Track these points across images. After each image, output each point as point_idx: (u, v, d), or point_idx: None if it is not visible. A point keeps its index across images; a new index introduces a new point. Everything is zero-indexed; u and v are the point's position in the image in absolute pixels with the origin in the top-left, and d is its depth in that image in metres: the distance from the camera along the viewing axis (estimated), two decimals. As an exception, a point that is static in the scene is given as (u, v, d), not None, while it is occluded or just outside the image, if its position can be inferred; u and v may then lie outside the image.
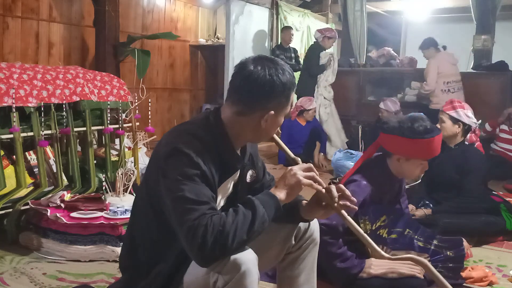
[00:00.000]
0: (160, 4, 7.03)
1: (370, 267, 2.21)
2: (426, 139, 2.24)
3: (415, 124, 2.26)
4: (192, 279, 1.51)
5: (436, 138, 2.27)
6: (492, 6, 6.39)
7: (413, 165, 2.32)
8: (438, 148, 2.31)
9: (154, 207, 1.54)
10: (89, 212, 2.69)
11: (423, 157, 2.31)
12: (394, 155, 2.33)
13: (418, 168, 2.33)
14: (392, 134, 2.29)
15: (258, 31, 7.46)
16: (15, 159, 2.76)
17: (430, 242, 2.36)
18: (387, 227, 2.32)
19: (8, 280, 2.34)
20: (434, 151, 2.30)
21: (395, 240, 2.32)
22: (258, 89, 1.50)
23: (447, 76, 5.53)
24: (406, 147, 2.26)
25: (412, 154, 2.29)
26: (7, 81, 2.73)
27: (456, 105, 3.17)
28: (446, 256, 2.35)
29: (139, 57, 5.39)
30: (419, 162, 2.31)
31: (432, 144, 2.26)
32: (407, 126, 2.26)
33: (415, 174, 2.37)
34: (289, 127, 5.57)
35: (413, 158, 2.30)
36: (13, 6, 5.06)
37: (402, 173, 2.37)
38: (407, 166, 2.32)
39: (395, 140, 2.28)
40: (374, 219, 2.28)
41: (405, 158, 2.31)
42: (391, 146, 2.33)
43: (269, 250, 1.72)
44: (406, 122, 2.28)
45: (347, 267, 2.19)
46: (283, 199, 1.50)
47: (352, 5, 7.41)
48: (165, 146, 1.50)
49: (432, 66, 5.57)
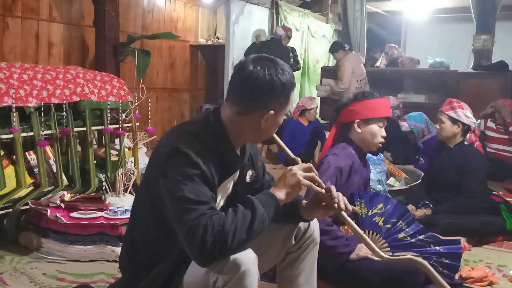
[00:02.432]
0: (160, 4, 7.03)
1: (361, 250, 2.23)
2: (376, 99, 2.51)
3: (364, 93, 2.59)
4: (192, 279, 1.51)
5: (384, 99, 2.58)
6: (492, 6, 6.39)
7: (372, 128, 2.49)
8: (389, 109, 2.58)
9: (154, 207, 1.54)
10: (89, 212, 2.69)
11: (378, 115, 2.48)
12: (353, 124, 2.49)
13: (377, 132, 2.49)
14: (344, 107, 2.56)
15: (258, 31, 7.46)
16: (15, 159, 2.76)
17: (414, 236, 2.35)
18: (383, 216, 2.37)
19: (8, 280, 2.34)
20: (385, 110, 2.53)
21: (388, 230, 2.34)
22: (258, 89, 1.50)
23: (359, 75, 6.12)
24: (361, 109, 2.49)
25: (368, 114, 2.48)
26: (7, 81, 2.73)
27: (455, 105, 3.16)
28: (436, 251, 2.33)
29: (139, 57, 5.39)
30: (376, 124, 2.48)
31: (382, 103, 2.53)
32: (358, 95, 2.58)
33: (376, 138, 2.50)
34: (292, 127, 5.57)
35: (370, 117, 2.48)
36: (13, 6, 5.06)
37: (365, 139, 2.50)
38: (367, 130, 2.49)
39: (351, 107, 2.53)
40: (371, 205, 2.38)
41: (364, 122, 2.48)
42: (349, 115, 2.53)
43: (269, 250, 1.72)
44: (356, 94, 2.63)
45: (336, 245, 2.22)
46: (283, 199, 1.50)
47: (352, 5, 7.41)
48: (165, 146, 1.50)
49: (347, 67, 6.10)
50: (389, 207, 2.40)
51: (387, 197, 2.54)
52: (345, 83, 6.09)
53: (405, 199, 3.47)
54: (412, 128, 4.83)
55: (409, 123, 4.83)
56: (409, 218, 2.39)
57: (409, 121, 4.84)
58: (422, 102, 6.21)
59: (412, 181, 3.97)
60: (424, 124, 4.80)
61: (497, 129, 5.12)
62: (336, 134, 2.63)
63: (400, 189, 3.86)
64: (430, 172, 3.40)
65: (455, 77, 6.07)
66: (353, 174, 2.46)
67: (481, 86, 5.86)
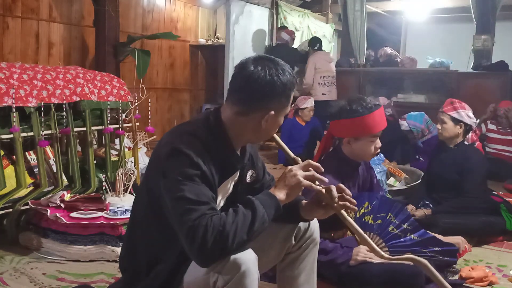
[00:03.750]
0: (160, 4, 7.03)
1: (358, 254, 2.23)
2: (366, 115, 2.29)
3: (353, 105, 2.31)
4: (192, 279, 1.51)
5: (376, 113, 2.31)
6: (492, 6, 6.38)
7: (364, 144, 2.35)
8: (382, 122, 2.34)
9: (154, 207, 1.54)
10: (89, 212, 2.69)
11: (369, 133, 2.33)
12: (344, 139, 2.38)
13: (369, 146, 2.35)
14: (336, 119, 2.37)
15: (258, 31, 7.46)
16: (15, 159, 2.76)
17: (399, 226, 2.35)
18: (372, 213, 2.35)
19: (8, 280, 2.34)
20: (377, 125, 2.32)
21: (380, 226, 2.33)
22: (258, 89, 1.50)
23: (323, 72, 6.41)
24: (350, 127, 2.32)
25: (357, 133, 2.33)
26: (7, 81, 2.73)
27: (457, 105, 3.15)
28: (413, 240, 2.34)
29: (139, 57, 5.39)
30: (368, 139, 2.34)
31: (373, 119, 2.30)
32: (346, 108, 2.32)
33: (369, 152, 2.38)
34: (289, 127, 5.58)
35: (360, 136, 2.33)
36: (13, 6, 5.06)
37: (357, 154, 2.39)
38: (358, 146, 2.36)
39: (339, 124, 2.36)
40: (357, 206, 2.28)
41: (354, 139, 2.34)
42: (338, 130, 2.40)
43: (269, 250, 1.72)
44: (345, 106, 2.34)
45: (331, 259, 2.22)
46: (283, 199, 1.50)
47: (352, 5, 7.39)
48: (165, 146, 1.50)
49: (310, 63, 6.44)
50: (375, 203, 2.38)
51: (370, 194, 2.47)
52: (308, 78, 6.41)
53: (405, 199, 3.48)
54: (411, 128, 4.83)
55: (408, 122, 4.83)
56: (396, 208, 2.39)
57: (409, 120, 4.84)
58: (422, 102, 6.21)
59: (412, 181, 3.97)
60: (424, 124, 4.79)
61: (498, 130, 5.15)
62: (326, 146, 2.51)
63: (400, 189, 3.86)
64: (430, 172, 3.40)
65: (455, 77, 6.07)
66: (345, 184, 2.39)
67: (481, 86, 5.85)
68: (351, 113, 2.31)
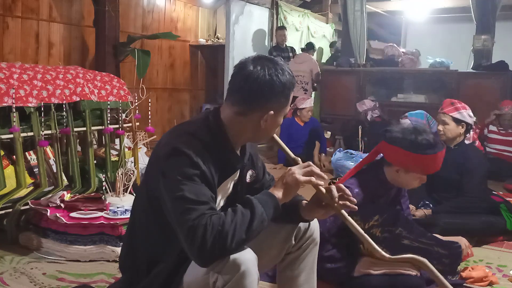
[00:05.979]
0: (160, 4, 7.03)
1: (362, 266, 2.22)
2: (430, 155, 2.15)
3: (418, 137, 2.16)
4: (192, 279, 1.51)
5: (439, 154, 2.18)
6: (492, 6, 6.37)
7: (412, 177, 2.25)
8: (440, 163, 2.22)
9: (154, 207, 1.54)
10: (89, 212, 2.69)
11: (424, 172, 2.24)
12: (393, 165, 2.26)
13: (416, 181, 2.26)
14: (394, 145, 2.20)
15: (258, 31, 7.46)
16: (15, 159, 2.76)
17: (418, 240, 2.30)
18: (381, 226, 2.26)
19: (8, 280, 2.34)
20: (435, 167, 2.22)
21: (385, 238, 2.31)
22: (258, 89, 1.50)
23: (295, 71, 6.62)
24: (408, 160, 2.17)
25: (413, 168, 2.20)
26: (7, 81, 2.73)
27: (458, 106, 3.15)
28: (438, 253, 2.32)
29: (139, 57, 5.39)
30: (418, 175, 2.25)
31: (434, 160, 2.18)
32: (410, 139, 2.16)
33: (413, 186, 2.29)
34: (288, 127, 5.57)
35: (413, 172, 2.23)
36: (13, 6, 5.06)
37: (399, 183, 2.30)
38: (405, 178, 2.25)
39: (397, 151, 2.19)
40: (367, 218, 2.21)
41: (405, 170, 2.23)
42: (392, 157, 2.25)
43: (269, 250, 1.72)
44: (409, 134, 2.18)
45: (337, 267, 2.22)
46: (281, 198, 1.50)
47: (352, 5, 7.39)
48: (165, 146, 1.50)
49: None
50: (385, 217, 2.27)
51: (382, 207, 2.36)
52: None
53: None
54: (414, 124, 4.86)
55: (410, 119, 4.86)
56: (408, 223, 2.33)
57: (411, 117, 4.86)
58: (422, 102, 6.20)
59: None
60: (425, 119, 4.82)
61: (498, 131, 5.18)
62: (370, 161, 2.37)
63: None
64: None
65: (455, 77, 6.07)
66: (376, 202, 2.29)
67: (481, 86, 5.85)
68: (415, 147, 2.14)
